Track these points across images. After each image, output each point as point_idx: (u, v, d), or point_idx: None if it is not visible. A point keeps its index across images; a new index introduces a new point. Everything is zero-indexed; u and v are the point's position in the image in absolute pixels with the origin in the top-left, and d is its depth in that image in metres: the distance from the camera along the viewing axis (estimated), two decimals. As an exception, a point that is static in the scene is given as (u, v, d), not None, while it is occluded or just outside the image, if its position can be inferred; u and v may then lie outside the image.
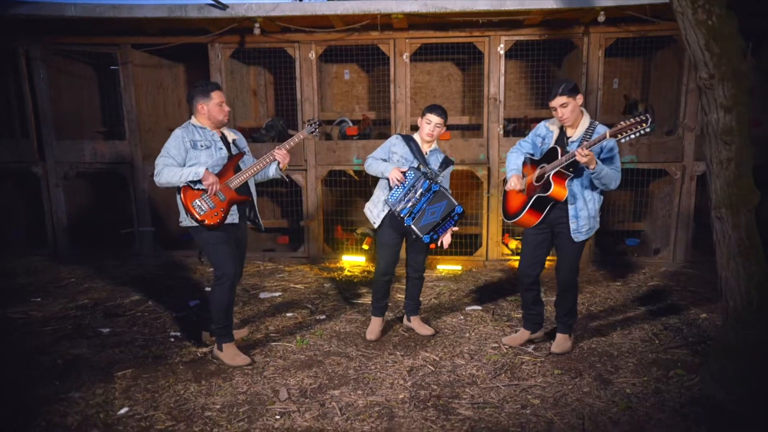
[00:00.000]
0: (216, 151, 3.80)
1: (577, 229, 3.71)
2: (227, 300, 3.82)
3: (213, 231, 3.73)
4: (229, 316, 3.87)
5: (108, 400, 3.30)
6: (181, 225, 3.81)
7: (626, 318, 4.60)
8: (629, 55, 6.96)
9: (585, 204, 3.69)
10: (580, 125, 3.70)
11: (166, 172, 3.62)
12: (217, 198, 3.70)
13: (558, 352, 3.94)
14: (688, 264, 6.16)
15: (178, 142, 3.70)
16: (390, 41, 6.32)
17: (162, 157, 3.68)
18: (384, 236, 4.17)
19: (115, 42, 6.48)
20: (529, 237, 3.93)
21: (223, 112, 3.80)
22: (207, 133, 3.80)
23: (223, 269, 3.79)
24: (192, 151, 3.72)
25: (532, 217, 3.76)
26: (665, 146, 6.12)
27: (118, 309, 4.93)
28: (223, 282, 3.79)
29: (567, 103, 3.57)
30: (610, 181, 3.56)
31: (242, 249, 4.10)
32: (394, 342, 4.24)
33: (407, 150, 4.11)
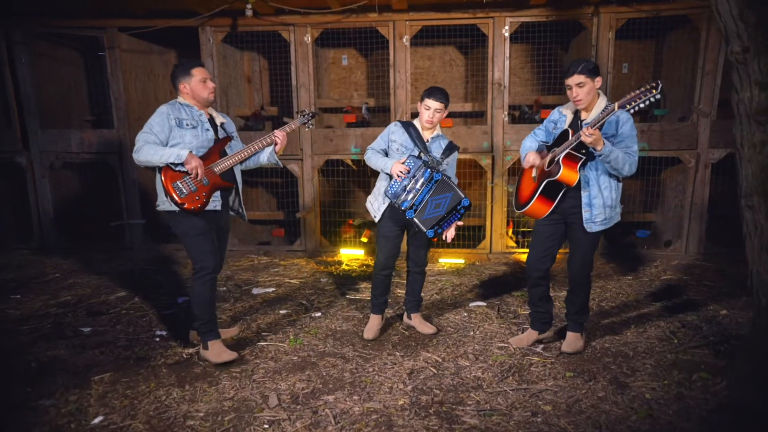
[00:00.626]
0: (202, 132, 3.53)
1: (590, 218, 3.42)
2: (209, 295, 3.56)
3: (193, 220, 3.46)
4: (212, 312, 3.61)
5: (82, 408, 3.03)
6: (159, 209, 3.53)
7: (640, 315, 4.32)
8: (640, 37, 6.63)
9: (600, 191, 3.40)
10: (594, 108, 3.41)
11: (146, 150, 3.33)
12: (199, 182, 3.42)
13: (569, 351, 3.67)
14: (702, 257, 5.88)
15: (162, 119, 3.42)
16: (389, 23, 6.02)
17: (144, 133, 3.40)
18: (384, 228, 3.90)
19: (101, 25, 6.19)
20: (540, 228, 3.65)
21: (207, 89, 3.53)
22: (194, 112, 3.53)
23: (202, 262, 3.52)
24: (176, 130, 3.44)
25: (542, 205, 3.47)
26: (678, 133, 5.82)
27: (102, 306, 4.66)
28: (204, 276, 3.53)
29: (584, 83, 3.28)
30: (621, 165, 3.26)
31: (223, 239, 3.84)
32: (393, 341, 3.97)
33: (407, 137, 3.82)
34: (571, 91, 3.34)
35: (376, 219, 3.92)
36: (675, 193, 6.27)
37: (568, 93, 3.38)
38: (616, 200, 3.47)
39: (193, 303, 3.59)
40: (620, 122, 3.34)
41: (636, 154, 3.33)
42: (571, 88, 3.32)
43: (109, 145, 6.46)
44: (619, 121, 3.33)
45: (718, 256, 5.81)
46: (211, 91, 3.56)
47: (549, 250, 3.65)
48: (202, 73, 3.53)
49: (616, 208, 3.48)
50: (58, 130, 6.50)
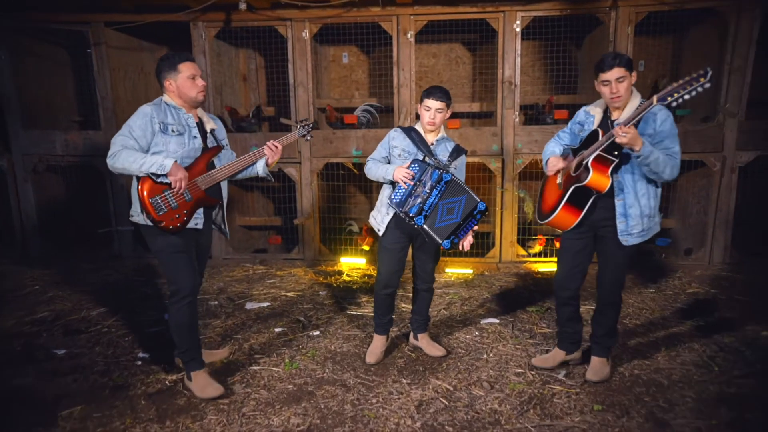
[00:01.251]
0: (189, 139, 3.13)
1: (626, 229, 3.05)
2: (188, 319, 3.18)
3: (170, 237, 3.07)
4: (193, 339, 3.23)
5: (45, 451, 2.67)
6: (132, 220, 3.15)
7: (669, 335, 3.95)
8: (658, 33, 6.27)
9: (636, 199, 3.02)
10: (628, 106, 3.02)
11: (125, 157, 2.91)
12: (182, 197, 3.04)
13: (595, 379, 3.29)
14: (728, 266, 5.50)
15: (145, 122, 3.00)
16: (393, 18, 5.64)
17: (122, 135, 2.98)
18: (387, 239, 3.52)
19: (86, 20, 5.82)
20: (568, 242, 3.28)
21: (196, 88, 3.11)
22: (181, 115, 3.13)
23: (179, 283, 3.13)
24: (160, 136, 3.03)
25: (569, 215, 3.10)
26: (703, 134, 5.44)
27: (81, 324, 4.29)
28: (180, 299, 3.14)
29: (624, 78, 2.90)
30: (662, 168, 2.87)
31: (203, 257, 3.47)
32: (399, 365, 3.59)
33: (408, 142, 3.44)
34: (609, 87, 2.95)
35: (380, 232, 3.54)
36: (697, 198, 5.88)
37: (603, 90, 2.99)
38: (655, 208, 3.10)
39: (171, 331, 3.21)
40: (658, 119, 2.95)
41: (678, 155, 2.94)
42: (610, 83, 2.93)
43: (95, 147, 6.08)
44: (657, 118, 2.95)
45: (745, 265, 5.44)
46: (200, 90, 3.14)
47: (579, 266, 3.28)
48: (191, 68, 3.11)
49: (655, 217, 3.11)
50: (41, 131, 6.13)
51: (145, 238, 3.17)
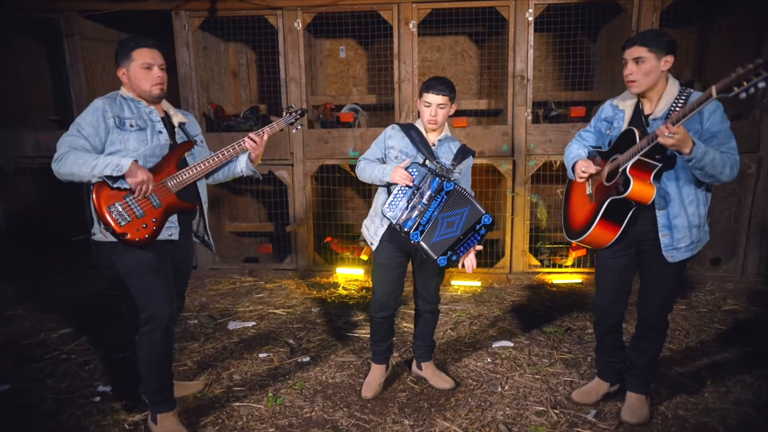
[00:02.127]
0: (152, 134, 2.63)
1: (671, 244, 2.55)
2: (159, 354, 2.65)
3: (139, 253, 2.56)
4: (165, 377, 2.72)
5: None
6: (94, 239, 2.64)
7: (713, 363, 3.42)
8: (681, 25, 5.75)
9: (683, 207, 2.52)
10: (663, 97, 2.53)
11: (72, 159, 2.43)
12: (148, 203, 2.53)
13: (633, 421, 2.77)
14: (764, 280, 4.98)
15: (96, 117, 2.51)
16: (393, 6, 5.13)
17: (69, 135, 2.50)
18: (382, 255, 3.01)
19: (57, 8, 5.31)
20: (607, 261, 2.77)
21: (150, 80, 2.59)
22: (141, 108, 2.63)
23: (152, 309, 2.61)
24: (116, 132, 2.54)
25: (606, 231, 2.60)
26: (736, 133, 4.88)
27: (37, 349, 3.77)
28: (154, 329, 2.62)
29: (644, 59, 2.45)
30: (719, 169, 2.38)
31: (183, 277, 2.94)
32: (400, 401, 3.08)
33: (407, 142, 2.92)
34: (626, 67, 2.50)
35: (373, 246, 3.02)
36: (726, 203, 5.36)
37: (624, 72, 2.53)
38: (705, 216, 2.59)
39: (139, 365, 2.69)
40: (705, 112, 2.46)
41: (736, 150, 2.46)
42: (627, 63, 2.49)
43: (70, 148, 5.56)
44: (704, 111, 2.45)
45: (783, 278, 4.93)
46: (156, 83, 2.61)
47: (623, 289, 2.78)
48: (147, 56, 2.58)
49: (704, 226, 2.60)
50: (8, 130, 5.62)
51: (111, 259, 2.65)
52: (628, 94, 2.66)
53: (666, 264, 2.58)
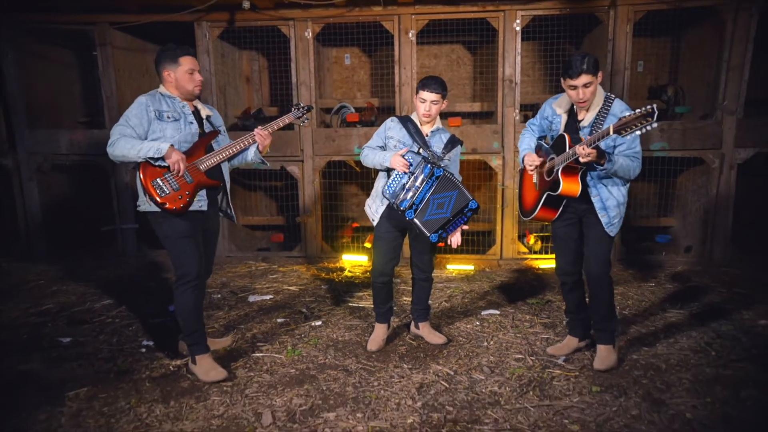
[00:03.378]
0: (185, 125, 3.21)
1: (609, 221, 3.16)
2: (193, 304, 3.24)
3: (176, 221, 3.13)
4: (199, 323, 3.28)
5: (50, 429, 2.70)
6: (139, 210, 3.22)
7: (668, 323, 3.98)
8: (656, 34, 6.35)
9: (610, 192, 3.14)
10: (592, 108, 3.13)
11: (122, 144, 3.02)
12: (183, 179, 3.10)
13: (602, 368, 3.26)
14: (728, 263, 5.52)
15: (140, 111, 3.10)
16: (394, 17, 5.72)
17: (119, 125, 3.09)
18: (381, 230, 3.58)
19: (92, 20, 5.91)
20: (559, 230, 3.38)
21: (193, 82, 3.20)
22: (176, 103, 3.21)
23: (185, 268, 3.20)
24: (156, 123, 3.12)
25: (547, 213, 3.29)
26: (702, 132, 5.49)
27: (85, 315, 4.34)
28: (186, 283, 3.21)
29: (591, 83, 3.00)
30: (627, 173, 3.02)
31: (211, 243, 3.52)
32: (400, 352, 3.63)
33: (404, 133, 3.50)
34: (576, 92, 3.04)
35: (374, 222, 3.60)
36: (697, 195, 5.93)
37: (570, 93, 3.10)
38: (626, 195, 3.20)
39: (178, 315, 3.27)
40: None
41: (640, 154, 3.07)
42: (577, 88, 3.02)
43: (100, 146, 6.11)
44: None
45: (746, 262, 5.45)
46: (197, 85, 3.23)
47: (575, 251, 3.34)
48: (191, 63, 3.21)
49: (625, 203, 3.22)
50: (46, 130, 6.20)
51: (153, 226, 3.24)
52: (565, 100, 3.23)
53: (603, 232, 3.15)
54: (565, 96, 3.20)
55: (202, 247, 3.31)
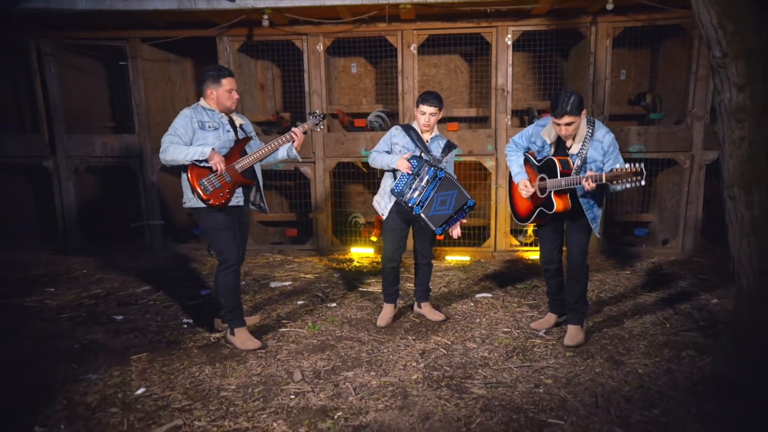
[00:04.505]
0: (223, 132, 3.83)
1: (594, 219, 3.74)
2: (232, 284, 3.85)
3: (217, 215, 3.76)
4: (237, 300, 3.90)
5: (125, 382, 3.33)
6: (185, 206, 3.84)
7: (637, 304, 4.61)
8: (636, 46, 6.98)
9: (595, 199, 3.70)
10: (577, 137, 3.65)
11: (172, 150, 3.63)
12: (223, 179, 3.73)
13: (571, 344, 3.82)
14: (698, 254, 6.16)
15: (186, 122, 3.72)
16: (398, 33, 6.35)
17: (168, 135, 3.70)
18: (390, 222, 4.19)
19: (124, 36, 6.54)
20: (546, 226, 3.96)
21: (231, 99, 3.83)
22: (215, 115, 3.83)
23: (226, 254, 3.82)
24: (199, 132, 3.74)
25: (540, 220, 3.88)
26: (674, 136, 6.12)
27: (130, 298, 4.97)
28: (227, 267, 3.82)
29: (573, 122, 3.51)
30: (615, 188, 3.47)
31: (245, 233, 4.14)
32: (405, 327, 4.26)
33: (408, 140, 4.12)
34: (560, 129, 3.55)
35: (383, 216, 4.22)
36: (671, 193, 6.56)
37: (555, 127, 3.59)
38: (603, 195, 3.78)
39: (218, 293, 3.88)
40: (605, 142, 3.60)
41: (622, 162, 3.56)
42: (560, 126, 3.53)
43: (130, 149, 6.78)
44: (604, 141, 3.59)
45: (714, 253, 6.08)
46: (234, 102, 3.86)
47: (557, 242, 3.95)
48: (231, 83, 3.83)
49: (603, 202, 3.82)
50: (82, 135, 6.83)
51: (197, 220, 3.88)
52: (551, 129, 3.74)
53: (584, 224, 3.75)
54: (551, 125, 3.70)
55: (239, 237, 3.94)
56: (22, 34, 6.41)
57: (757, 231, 3.09)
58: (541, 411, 2.94)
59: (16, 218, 7.40)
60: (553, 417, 2.87)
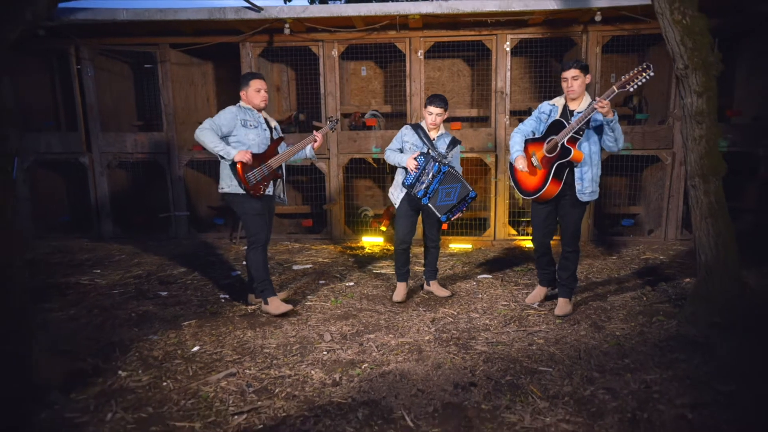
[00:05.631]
0: (262, 131, 4.45)
1: (581, 189, 4.18)
2: (262, 260, 4.48)
3: (253, 202, 4.37)
4: (267, 274, 4.52)
5: (181, 341, 3.94)
6: (222, 191, 4.43)
7: (620, 283, 5.22)
8: (625, 51, 7.57)
9: (590, 167, 4.17)
10: (583, 101, 4.22)
11: (207, 134, 4.18)
12: (263, 172, 4.34)
13: (560, 314, 4.43)
14: (679, 242, 6.78)
15: (231, 116, 4.32)
16: (406, 40, 6.95)
17: (211, 120, 4.27)
18: (402, 210, 4.79)
19: (155, 42, 7.14)
20: (538, 211, 4.48)
21: (259, 97, 4.43)
22: (254, 114, 4.44)
23: (257, 235, 4.45)
24: (242, 129, 4.34)
25: (554, 186, 4.18)
26: (657, 134, 6.74)
27: (169, 278, 5.58)
28: (257, 246, 4.46)
29: (578, 77, 4.05)
30: (619, 133, 4.02)
31: (272, 217, 4.74)
32: (416, 302, 4.86)
33: (417, 138, 4.72)
34: (567, 83, 4.11)
35: (396, 205, 4.82)
36: (656, 187, 7.17)
37: (563, 85, 4.15)
38: (598, 176, 4.28)
39: (251, 268, 4.50)
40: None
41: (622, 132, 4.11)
42: (567, 80, 4.09)
43: (158, 145, 7.38)
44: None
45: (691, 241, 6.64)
46: (262, 99, 4.47)
47: (548, 227, 4.51)
48: (257, 84, 4.44)
49: (597, 182, 4.27)
50: (115, 133, 7.43)
51: (232, 205, 4.48)
52: (560, 98, 4.36)
53: (576, 205, 4.30)
54: (560, 96, 4.28)
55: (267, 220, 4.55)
56: (63, 41, 7.01)
57: (714, 214, 3.70)
58: (534, 362, 3.55)
59: (55, 210, 8.01)
60: (543, 366, 3.49)
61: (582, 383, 3.23)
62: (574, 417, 2.87)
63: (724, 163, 3.73)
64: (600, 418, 2.84)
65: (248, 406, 3.05)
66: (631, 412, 2.88)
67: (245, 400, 3.13)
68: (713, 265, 3.72)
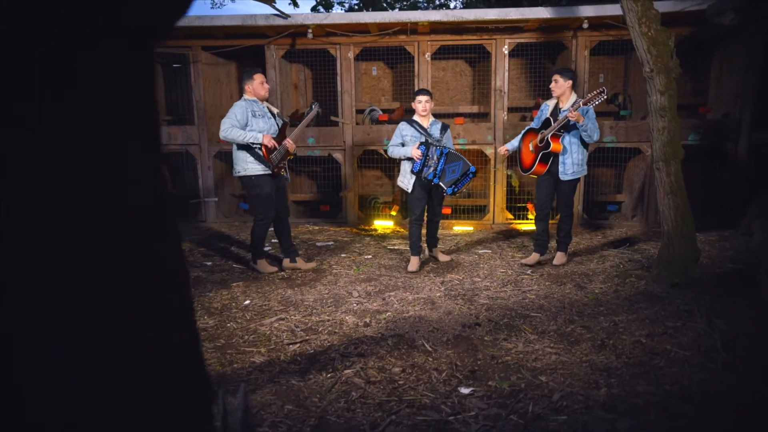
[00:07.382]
0: (268, 119, 5.27)
1: (564, 171, 5.19)
2: (264, 234, 5.36)
3: (265, 184, 5.17)
4: (262, 244, 5.44)
5: (233, 297, 4.75)
6: (237, 175, 5.24)
7: (602, 255, 6.05)
8: (612, 54, 8.40)
9: (570, 154, 5.16)
10: (568, 101, 5.15)
11: (233, 131, 4.98)
12: (281, 153, 5.17)
13: (558, 264, 5.41)
14: (657, 225, 7.58)
15: (243, 110, 5.11)
16: (415, 43, 7.75)
17: (229, 118, 5.05)
18: (415, 194, 5.59)
19: (189, 45, 7.93)
20: (542, 181, 5.44)
21: (264, 89, 5.25)
22: (258, 104, 5.25)
23: (264, 213, 5.27)
24: (252, 119, 5.14)
25: (541, 167, 5.27)
26: (639, 129, 7.55)
27: (210, 251, 6.39)
28: (265, 223, 5.29)
29: (557, 81, 5.09)
30: (593, 132, 5.04)
31: (284, 194, 5.52)
32: (426, 270, 5.68)
33: (413, 130, 5.52)
34: (552, 84, 5.15)
35: (409, 190, 5.62)
36: (639, 177, 7.99)
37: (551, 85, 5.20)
38: (583, 160, 5.23)
39: (254, 238, 5.37)
40: (589, 111, 5.07)
41: (597, 125, 5.08)
42: (552, 82, 5.14)
43: (190, 138, 8.18)
44: (589, 111, 5.07)
45: (669, 223, 7.51)
46: (266, 90, 5.28)
47: (549, 194, 5.41)
48: (261, 77, 5.26)
49: (582, 165, 5.25)
50: (152, 126, 8.21)
51: (247, 187, 5.28)
52: (553, 100, 5.27)
53: (565, 183, 5.20)
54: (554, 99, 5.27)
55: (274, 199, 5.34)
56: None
57: (674, 192, 4.52)
58: (526, 310, 4.37)
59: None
60: (534, 312, 4.31)
61: (564, 323, 4.05)
62: (557, 344, 3.69)
63: (682, 149, 4.55)
64: (577, 345, 3.67)
65: (299, 339, 3.87)
66: (601, 341, 3.70)
67: (296, 335, 3.95)
68: (673, 234, 4.54)
